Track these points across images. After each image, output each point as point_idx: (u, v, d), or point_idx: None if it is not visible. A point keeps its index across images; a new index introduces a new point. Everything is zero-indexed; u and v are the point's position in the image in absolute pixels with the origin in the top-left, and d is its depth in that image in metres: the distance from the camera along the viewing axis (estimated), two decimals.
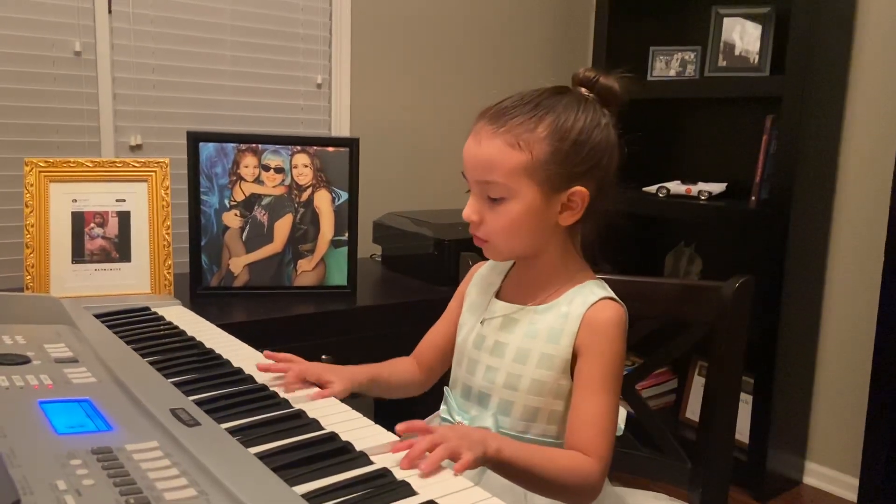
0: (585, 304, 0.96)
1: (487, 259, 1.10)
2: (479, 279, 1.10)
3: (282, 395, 0.94)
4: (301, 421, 0.86)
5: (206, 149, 1.75)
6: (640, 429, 1.20)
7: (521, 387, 0.97)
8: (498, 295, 1.05)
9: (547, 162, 0.92)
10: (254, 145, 1.78)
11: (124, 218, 1.66)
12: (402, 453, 0.77)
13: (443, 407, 1.08)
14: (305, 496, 0.66)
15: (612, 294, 0.98)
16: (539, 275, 1.01)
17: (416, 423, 0.81)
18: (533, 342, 0.97)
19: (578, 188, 0.93)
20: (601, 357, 0.93)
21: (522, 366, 0.97)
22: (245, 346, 1.18)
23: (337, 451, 0.78)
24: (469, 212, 0.96)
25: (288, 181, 1.80)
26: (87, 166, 1.64)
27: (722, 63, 2.41)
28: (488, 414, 0.99)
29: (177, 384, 0.92)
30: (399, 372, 1.14)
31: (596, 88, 0.97)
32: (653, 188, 2.47)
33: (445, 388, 1.09)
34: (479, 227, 0.97)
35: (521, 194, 0.92)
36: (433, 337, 1.15)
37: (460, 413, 1.03)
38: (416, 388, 1.16)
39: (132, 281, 1.65)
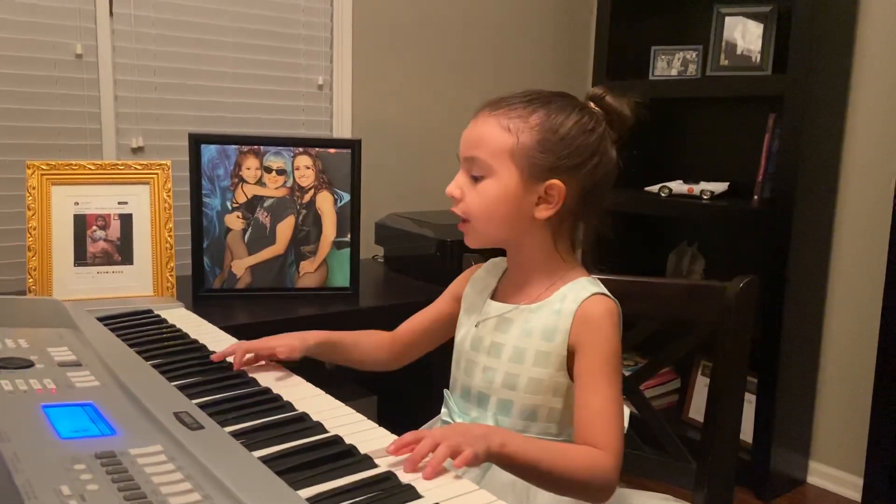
0: (577, 300, 0.96)
1: (486, 260, 1.11)
2: (475, 281, 1.11)
3: (285, 398, 0.94)
4: (305, 424, 0.86)
5: (208, 151, 1.75)
6: (643, 429, 1.19)
7: (519, 386, 0.97)
8: (493, 296, 1.06)
9: (531, 149, 0.95)
10: (256, 147, 1.77)
11: (126, 220, 1.66)
12: (406, 456, 0.77)
13: (443, 410, 1.09)
14: (310, 500, 0.66)
15: (605, 290, 0.99)
16: (527, 273, 1.02)
17: (406, 437, 0.79)
18: (528, 341, 0.98)
19: (556, 182, 0.95)
20: (598, 351, 0.94)
21: (519, 365, 0.98)
22: None
23: (341, 455, 0.77)
24: (452, 187, 1.00)
25: (290, 183, 1.80)
26: (89, 169, 1.64)
27: (724, 62, 2.40)
28: (488, 414, 1.00)
29: (180, 387, 0.92)
30: (364, 341, 1.16)
31: (602, 105, 1.00)
32: (655, 188, 2.47)
33: (445, 391, 1.09)
34: (458, 203, 0.99)
35: (501, 174, 0.95)
36: (415, 319, 1.18)
37: (460, 415, 1.04)
38: (383, 363, 1.17)
39: (134, 283, 1.65)
